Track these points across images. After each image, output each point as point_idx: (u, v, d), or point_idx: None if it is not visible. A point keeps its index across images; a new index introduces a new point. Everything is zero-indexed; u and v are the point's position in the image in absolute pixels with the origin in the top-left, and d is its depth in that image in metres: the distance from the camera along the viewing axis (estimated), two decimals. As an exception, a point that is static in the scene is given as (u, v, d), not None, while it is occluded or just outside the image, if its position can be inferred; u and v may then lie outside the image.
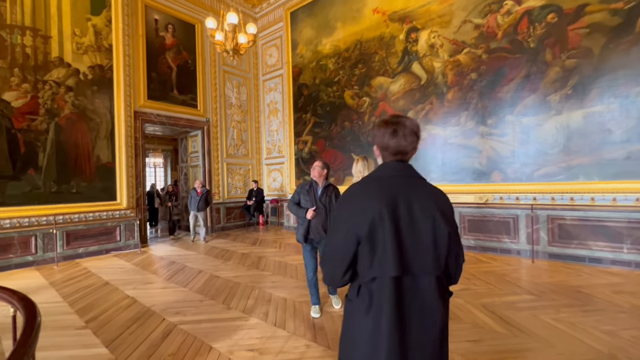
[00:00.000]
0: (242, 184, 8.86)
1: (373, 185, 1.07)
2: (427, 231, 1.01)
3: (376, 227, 0.99)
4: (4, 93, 5.05)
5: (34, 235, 5.12)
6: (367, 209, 1.01)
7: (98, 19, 6.12)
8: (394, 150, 1.09)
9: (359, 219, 1.01)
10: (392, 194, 1.02)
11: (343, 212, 1.08)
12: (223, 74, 8.48)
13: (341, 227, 1.05)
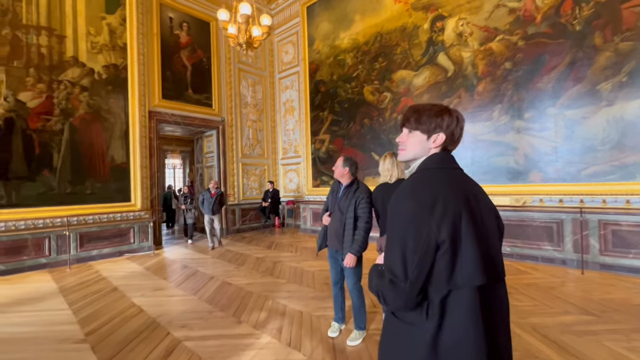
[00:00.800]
0: (258, 185, 8.63)
1: (441, 179, 0.91)
2: (494, 229, 0.92)
3: (458, 229, 0.83)
4: (19, 93, 5.01)
5: (47, 237, 5.05)
6: (446, 206, 0.83)
7: (112, 18, 6.04)
8: (456, 141, 0.98)
9: (436, 220, 0.82)
10: (462, 188, 0.90)
11: (408, 214, 0.86)
12: (238, 72, 8.29)
13: (410, 232, 0.84)
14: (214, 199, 6.25)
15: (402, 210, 0.87)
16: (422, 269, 0.82)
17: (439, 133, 0.96)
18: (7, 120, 4.88)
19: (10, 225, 4.77)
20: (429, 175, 0.93)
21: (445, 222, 0.82)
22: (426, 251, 0.82)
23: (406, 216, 0.86)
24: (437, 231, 0.81)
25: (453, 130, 0.96)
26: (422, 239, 0.82)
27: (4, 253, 4.66)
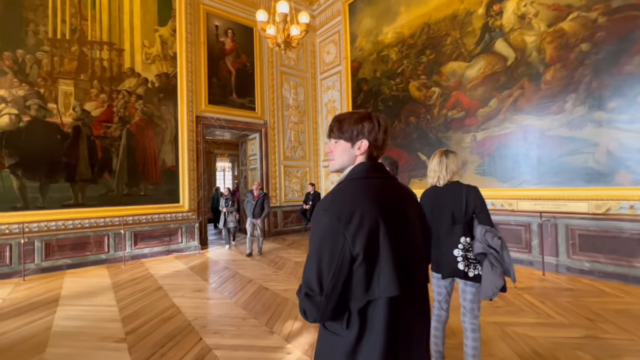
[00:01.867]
0: (299, 187, 8.58)
1: (362, 189, 0.91)
2: (418, 234, 0.97)
3: (374, 240, 0.83)
4: (85, 103, 5.51)
5: (107, 235, 5.47)
6: (362, 218, 0.83)
7: (164, 30, 6.41)
8: (380, 146, 0.98)
9: (351, 233, 0.82)
10: (383, 197, 0.91)
11: (325, 227, 0.84)
12: (280, 75, 8.34)
13: (326, 246, 0.84)
14: (256, 201, 6.05)
15: (319, 223, 0.86)
16: (336, 282, 0.82)
17: (362, 140, 0.95)
18: (75, 128, 5.39)
19: (76, 224, 5.25)
20: (350, 186, 0.92)
21: (361, 234, 0.81)
22: (341, 265, 0.82)
23: (322, 229, 0.84)
24: (352, 244, 0.81)
25: (376, 136, 0.95)
26: (337, 253, 0.82)
27: (71, 248, 5.14)
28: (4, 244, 4.60)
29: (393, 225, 0.86)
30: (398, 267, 0.83)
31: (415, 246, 0.93)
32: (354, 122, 0.95)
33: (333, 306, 0.83)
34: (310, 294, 0.83)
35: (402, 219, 0.90)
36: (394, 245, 0.84)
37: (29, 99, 5.03)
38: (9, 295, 3.86)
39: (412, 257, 0.90)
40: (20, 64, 4.99)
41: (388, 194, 0.92)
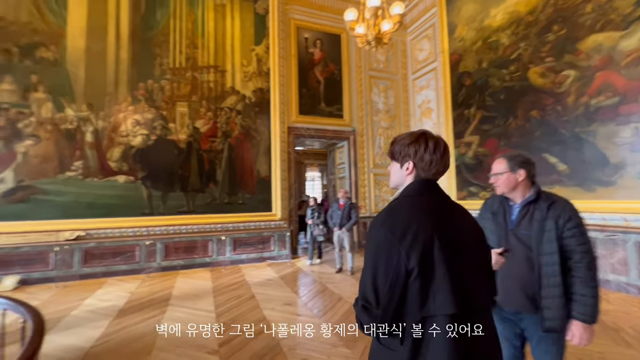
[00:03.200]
0: (391, 197, 7.97)
1: (417, 205, 0.91)
2: (477, 256, 0.94)
3: (429, 255, 0.82)
4: (196, 121, 6.20)
5: (211, 240, 5.96)
6: (417, 233, 0.83)
7: (259, 48, 6.83)
8: (430, 168, 0.97)
9: (406, 247, 0.82)
10: (439, 213, 0.90)
11: (380, 241, 0.86)
12: (369, 80, 7.99)
13: (381, 259, 0.85)
14: (342, 210, 5.57)
15: (374, 237, 0.88)
16: (392, 295, 0.82)
17: (408, 161, 0.98)
18: (188, 143, 6.10)
19: (188, 228, 5.88)
20: (405, 202, 0.94)
21: (415, 249, 0.82)
22: (397, 278, 0.82)
23: (378, 243, 0.87)
24: (407, 258, 0.82)
25: (422, 157, 0.96)
26: (392, 266, 0.83)
27: (183, 251, 5.76)
28: (134, 244, 5.42)
29: (448, 241, 0.85)
30: (455, 284, 0.82)
31: (474, 265, 0.91)
32: (405, 144, 0.98)
33: (389, 320, 0.82)
34: (367, 306, 0.84)
35: (458, 236, 0.89)
36: (450, 261, 0.83)
37: (155, 120, 5.91)
38: (136, 290, 4.44)
39: (471, 276, 0.87)
40: (150, 91, 5.92)
41: (442, 211, 0.93)
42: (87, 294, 4.26)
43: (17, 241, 4.86)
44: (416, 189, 0.96)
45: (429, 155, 0.95)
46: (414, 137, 0.98)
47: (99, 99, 5.57)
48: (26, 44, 5.27)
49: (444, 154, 0.97)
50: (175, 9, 6.22)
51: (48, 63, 5.37)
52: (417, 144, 0.96)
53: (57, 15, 5.46)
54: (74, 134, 5.41)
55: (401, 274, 0.81)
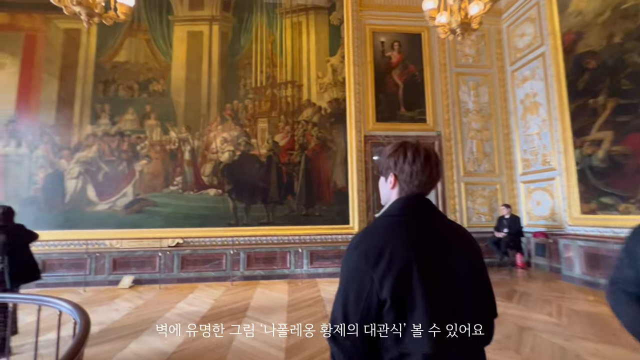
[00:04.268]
0: (487, 209, 6.81)
1: (395, 227, 0.84)
2: (465, 281, 0.82)
3: (405, 285, 0.74)
4: (275, 136, 6.44)
5: (288, 252, 5.99)
6: (392, 259, 0.75)
7: (334, 59, 6.78)
8: (412, 180, 0.88)
9: (379, 275, 0.75)
10: (421, 236, 0.82)
11: (352, 266, 0.80)
12: (456, 78, 7.12)
13: (352, 287, 0.78)
14: None
15: (346, 261, 0.82)
16: (363, 327, 0.75)
17: (390, 174, 0.92)
18: (268, 157, 6.36)
19: (268, 239, 6.05)
20: (383, 223, 0.88)
21: (389, 277, 0.74)
22: (368, 308, 0.76)
23: (350, 267, 0.80)
24: (380, 286, 0.75)
25: (402, 168, 0.89)
26: (363, 295, 0.76)
27: (263, 261, 5.92)
28: (221, 252, 5.81)
29: (430, 267, 0.77)
30: (434, 318, 0.73)
31: (464, 294, 0.80)
32: (386, 156, 0.93)
33: (362, 352, 0.76)
34: (337, 336, 0.77)
35: (444, 260, 0.80)
36: (430, 291, 0.74)
37: (240, 137, 6.35)
38: (220, 297, 4.68)
39: (459, 308, 0.78)
40: (235, 111, 6.41)
41: (427, 234, 0.83)
42: (181, 298, 4.66)
43: (133, 246, 5.73)
44: (398, 208, 0.89)
45: (408, 166, 0.89)
46: (394, 148, 0.93)
47: (194, 121, 6.29)
48: (143, 80, 6.33)
49: (425, 163, 0.88)
50: (256, 33, 6.68)
51: (158, 94, 6.33)
52: (396, 155, 0.91)
53: (165, 53, 6.43)
54: (176, 153, 6.19)
55: (373, 304, 0.75)
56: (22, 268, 3.04)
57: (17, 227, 3.17)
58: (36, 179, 5.86)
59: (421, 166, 0.88)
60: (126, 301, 4.55)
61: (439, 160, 0.93)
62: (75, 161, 5.95)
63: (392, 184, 0.91)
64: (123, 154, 6.07)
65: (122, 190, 5.97)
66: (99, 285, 5.45)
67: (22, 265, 3.04)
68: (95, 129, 6.08)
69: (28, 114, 5.98)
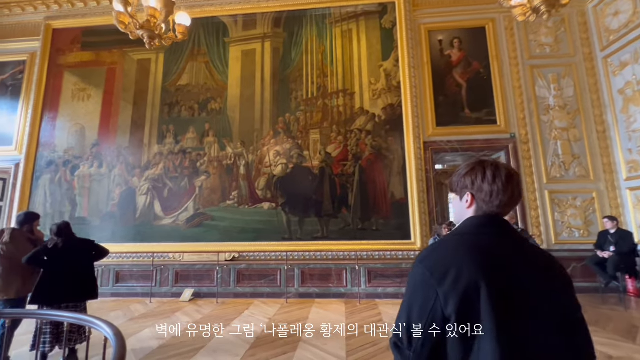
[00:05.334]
0: (582, 222, 5.66)
1: (465, 244, 0.81)
2: (549, 317, 0.73)
3: (471, 304, 0.70)
4: (327, 147, 6.23)
5: (345, 269, 5.61)
6: (458, 275, 0.73)
7: (387, 63, 6.41)
8: (492, 200, 0.85)
9: (445, 290, 0.73)
10: (494, 256, 0.77)
11: (418, 279, 0.79)
12: (530, 71, 6.22)
13: (417, 299, 0.77)
14: None
15: (414, 274, 0.82)
16: (426, 340, 0.73)
17: (467, 193, 0.90)
18: (321, 169, 6.15)
19: (323, 255, 5.75)
20: (453, 240, 0.86)
21: (454, 294, 0.71)
22: (432, 322, 0.73)
23: (416, 280, 0.80)
24: (445, 302, 0.72)
25: (481, 187, 0.86)
26: (427, 309, 0.74)
27: (318, 278, 5.63)
28: (276, 268, 5.67)
29: (502, 290, 0.72)
30: (506, 345, 0.68)
31: (545, 326, 0.72)
32: (462, 175, 0.91)
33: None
34: (399, 345, 0.78)
35: (521, 286, 0.74)
36: (501, 315, 0.69)
37: (292, 150, 6.26)
38: (274, 316, 4.48)
39: (538, 339, 0.70)
40: (287, 124, 6.38)
41: (499, 252, 0.79)
42: (236, 315, 4.56)
43: (194, 259, 5.89)
44: (471, 226, 0.86)
45: (487, 186, 0.85)
46: (471, 167, 0.90)
47: (249, 136, 6.39)
48: (202, 100, 6.67)
49: (507, 183, 0.84)
50: (307, 45, 6.65)
51: (215, 112, 6.60)
52: (474, 173, 0.88)
53: (222, 73, 6.73)
54: (232, 168, 6.32)
55: (437, 318, 0.73)
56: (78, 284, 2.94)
57: (79, 242, 3.10)
58: (114, 196, 6.44)
59: (503, 186, 0.84)
60: (186, 315, 4.60)
61: (520, 179, 0.89)
62: (144, 178, 6.42)
63: (469, 203, 0.89)
64: (185, 171, 6.38)
65: (184, 205, 6.25)
66: (163, 296, 5.67)
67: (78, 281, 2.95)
68: (161, 148, 6.53)
69: (107, 137, 6.67)
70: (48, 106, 6.94)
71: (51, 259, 2.84)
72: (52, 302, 2.78)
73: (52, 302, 2.78)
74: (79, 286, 2.93)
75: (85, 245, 3.15)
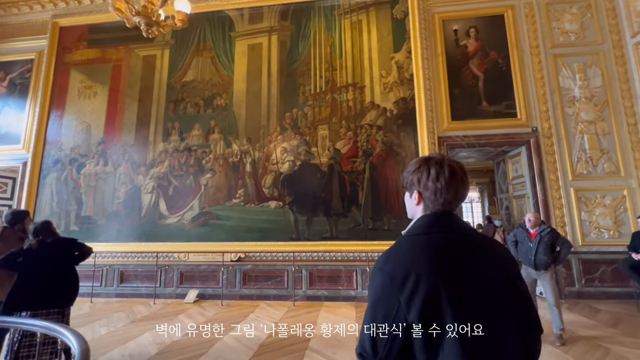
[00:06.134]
0: (612, 222, 5.25)
1: (421, 246, 0.80)
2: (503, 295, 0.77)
3: (434, 309, 0.71)
4: (336, 143, 5.97)
5: (355, 271, 5.35)
6: (418, 280, 0.73)
7: (399, 55, 6.11)
8: (438, 196, 0.85)
9: (406, 297, 0.73)
10: (450, 257, 0.78)
11: (379, 287, 0.77)
12: (553, 60, 5.82)
13: (379, 307, 0.76)
14: (535, 241, 3.61)
15: (373, 282, 0.80)
16: (392, 349, 0.72)
17: (414, 190, 0.90)
18: (330, 166, 5.89)
19: (332, 256, 5.50)
20: (408, 243, 0.84)
21: (416, 300, 0.71)
22: (396, 329, 0.72)
23: (376, 289, 0.78)
24: (407, 309, 0.72)
25: (426, 184, 0.86)
26: (391, 317, 0.73)
27: (327, 280, 5.38)
28: (283, 269, 5.45)
29: (460, 289, 0.73)
30: (469, 343, 0.69)
31: (503, 315, 0.75)
32: (408, 172, 0.92)
33: None
34: (364, 355, 0.75)
35: (476, 282, 0.76)
36: (460, 314, 0.70)
37: (300, 146, 6.03)
38: (280, 320, 4.24)
39: (495, 331, 0.72)
40: (295, 119, 6.15)
41: (456, 253, 0.79)
42: (241, 318, 4.35)
43: (199, 259, 5.72)
44: (423, 226, 0.86)
45: (432, 183, 0.85)
46: (418, 164, 0.90)
47: (255, 133, 6.19)
48: (208, 96, 6.50)
49: (450, 180, 0.84)
50: (315, 38, 6.40)
51: (221, 109, 6.42)
52: (419, 171, 0.88)
53: (227, 68, 6.54)
54: (238, 165, 6.13)
55: (401, 325, 0.72)
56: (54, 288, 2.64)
57: (58, 242, 2.77)
58: (119, 195, 6.33)
59: (446, 184, 0.84)
60: (189, 318, 4.41)
61: (466, 176, 0.88)
62: (150, 177, 6.29)
63: (417, 201, 0.90)
64: (190, 168, 6.22)
65: (189, 204, 6.09)
66: (167, 297, 5.52)
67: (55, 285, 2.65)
68: (166, 145, 6.39)
69: (113, 135, 6.57)
70: (55, 104, 6.89)
71: (26, 261, 2.59)
72: (23, 308, 2.48)
73: (23, 308, 2.48)
74: (54, 291, 2.63)
75: (65, 245, 2.83)
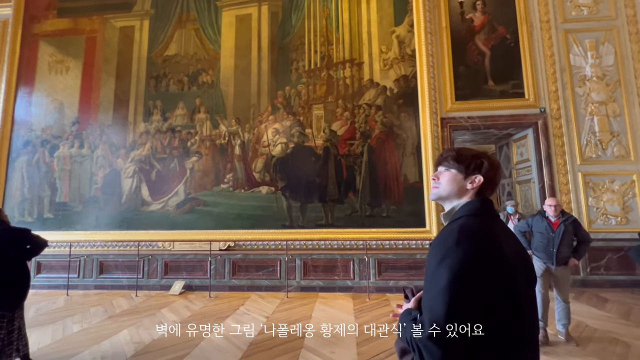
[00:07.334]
0: (619, 208, 5.02)
1: (494, 229, 0.83)
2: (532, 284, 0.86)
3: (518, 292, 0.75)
4: (332, 124, 5.55)
5: (352, 260, 5.05)
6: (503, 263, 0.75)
7: (400, 28, 5.65)
8: (493, 188, 0.94)
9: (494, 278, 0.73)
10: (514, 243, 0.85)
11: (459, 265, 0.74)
12: (564, 37, 5.45)
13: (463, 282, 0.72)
14: (559, 232, 3.12)
15: (454, 257, 0.75)
16: (468, 328, 0.70)
17: (477, 175, 0.91)
18: (325, 149, 5.49)
19: (327, 244, 5.18)
20: (481, 223, 0.84)
21: (497, 281, 0.74)
22: (475, 310, 0.71)
23: (461, 263, 0.74)
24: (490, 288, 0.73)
25: (492, 177, 0.92)
26: (472, 296, 0.72)
27: (322, 270, 5.07)
28: (275, 258, 5.11)
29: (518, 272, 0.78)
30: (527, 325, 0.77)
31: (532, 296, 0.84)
32: (472, 156, 0.93)
33: (462, 356, 0.71)
34: (439, 332, 0.71)
35: (521, 266, 0.81)
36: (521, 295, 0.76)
37: (293, 127, 5.60)
38: (273, 314, 3.93)
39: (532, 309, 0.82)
40: (287, 98, 5.69)
41: (511, 239, 0.86)
42: (230, 311, 4.03)
43: (185, 249, 5.34)
44: (484, 208, 0.88)
45: (497, 178, 0.93)
46: (483, 153, 0.94)
47: (244, 112, 5.72)
48: (193, 72, 5.97)
49: (501, 175, 0.96)
50: (309, 9, 5.87)
51: (207, 86, 5.90)
52: (482, 158, 0.92)
53: (214, 41, 5.99)
54: (226, 148, 5.68)
55: (479, 305, 0.71)
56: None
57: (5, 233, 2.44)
58: (96, 179, 5.84)
59: (498, 178, 0.94)
60: (172, 312, 4.06)
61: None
62: (130, 160, 5.80)
63: (477, 185, 0.90)
64: (174, 151, 5.75)
65: (173, 189, 5.65)
66: (151, 289, 5.16)
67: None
68: (148, 126, 5.88)
69: (89, 114, 6.02)
70: (23, 80, 6.26)
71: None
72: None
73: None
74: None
75: (13, 236, 2.44)
